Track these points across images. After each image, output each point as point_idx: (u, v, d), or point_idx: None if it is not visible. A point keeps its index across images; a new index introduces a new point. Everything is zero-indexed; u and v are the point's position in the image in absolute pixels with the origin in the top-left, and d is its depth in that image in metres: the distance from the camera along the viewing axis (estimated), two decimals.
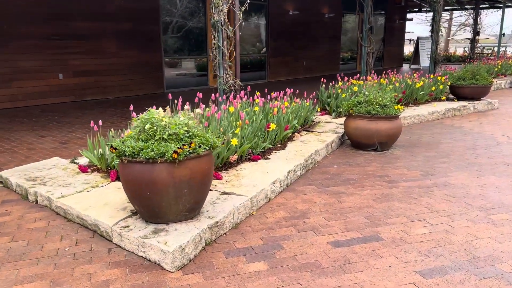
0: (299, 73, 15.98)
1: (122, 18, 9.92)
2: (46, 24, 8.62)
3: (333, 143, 5.73)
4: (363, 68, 9.56)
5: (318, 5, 16.06)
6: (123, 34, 10.02)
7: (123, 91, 10.28)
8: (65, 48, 9.03)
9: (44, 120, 7.31)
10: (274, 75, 14.77)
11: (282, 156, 4.77)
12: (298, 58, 15.75)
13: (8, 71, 8.25)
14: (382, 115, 5.48)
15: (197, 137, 2.93)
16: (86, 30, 9.30)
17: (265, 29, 14.15)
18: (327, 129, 6.33)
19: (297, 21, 15.20)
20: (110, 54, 9.86)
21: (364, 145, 5.70)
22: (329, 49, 17.38)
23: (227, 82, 6.24)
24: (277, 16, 14.32)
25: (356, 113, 5.62)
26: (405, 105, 8.46)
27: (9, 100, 8.32)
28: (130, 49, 10.25)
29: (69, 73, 9.17)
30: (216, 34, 6.09)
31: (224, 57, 6.19)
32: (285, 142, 5.44)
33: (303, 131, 6.14)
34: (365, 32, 9.50)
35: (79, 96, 9.43)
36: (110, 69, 9.93)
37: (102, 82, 9.82)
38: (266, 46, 14.34)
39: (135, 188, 2.82)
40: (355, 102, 5.79)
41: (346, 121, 5.82)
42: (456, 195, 4.00)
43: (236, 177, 3.99)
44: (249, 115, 5.15)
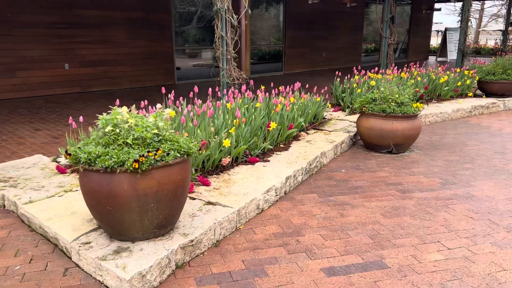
0: (318, 65, 15.36)
1: (132, 6, 9.56)
2: (52, 12, 8.34)
3: (343, 144, 5.21)
4: (383, 61, 8.94)
5: None
6: (133, 23, 9.67)
7: (132, 82, 9.97)
8: (72, 37, 8.75)
9: (45, 112, 7.04)
10: (291, 66, 14.21)
11: (283, 158, 4.31)
12: (317, 49, 15.12)
13: (12, 61, 8.03)
14: (399, 114, 4.93)
15: (169, 142, 2.50)
16: (94, 18, 8.99)
17: (282, 19, 13.58)
18: (338, 127, 5.81)
19: (316, 11, 14.55)
20: (119, 44, 9.54)
21: (378, 146, 5.17)
22: (350, 40, 16.66)
23: (230, 75, 5.80)
24: (296, 5, 13.71)
25: (370, 111, 5.08)
26: (427, 102, 7.83)
27: (12, 90, 8.11)
28: (140, 38, 9.90)
29: (75, 63, 8.90)
30: (219, 22, 5.64)
31: (228, 48, 5.74)
32: (289, 142, 4.96)
33: (311, 129, 5.65)
34: (386, 22, 8.85)
35: (85, 87, 9.17)
36: (119, 59, 9.62)
37: (110, 73, 9.52)
38: (283, 36, 13.78)
39: (94, 201, 2.42)
40: (369, 99, 5.25)
41: (359, 119, 5.29)
42: (480, 210, 3.45)
43: (227, 183, 3.55)
44: (249, 112, 4.69)
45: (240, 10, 5.80)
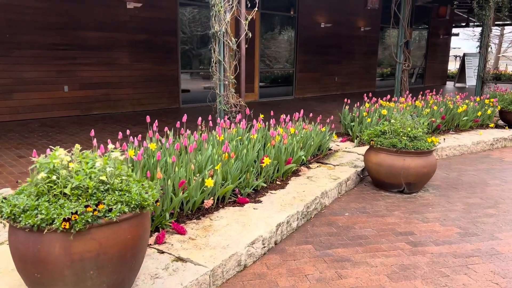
0: (330, 90, 14.91)
1: (136, 29, 9.32)
2: (53, 33, 8.13)
3: (349, 181, 4.68)
4: (397, 87, 8.43)
5: (353, 18, 14.99)
6: (137, 45, 9.42)
7: (134, 106, 9.64)
8: (73, 59, 8.50)
9: (36, 136, 6.70)
10: (302, 91, 13.79)
11: (277, 199, 3.79)
12: (329, 73, 14.70)
13: (9, 82, 7.78)
14: (411, 149, 4.39)
15: (118, 191, 2.03)
16: (97, 40, 8.75)
17: (294, 42, 13.24)
18: (344, 161, 5.28)
19: (329, 35, 14.20)
20: (121, 66, 9.27)
21: (388, 185, 4.62)
22: (364, 65, 16.21)
23: (227, 102, 5.36)
24: (307, 29, 13.39)
25: (379, 145, 4.55)
26: (444, 132, 7.24)
27: (8, 112, 7.84)
28: (144, 61, 9.63)
29: (75, 85, 8.62)
30: (217, 46, 5.24)
31: (225, 73, 5.32)
32: (287, 178, 4.45)
33: (314, 163, 5.13)
34: (400, 47, 8.38)
35: (85, 110, 8.86)
36: (122, 81, 9.33)
37: (111, 96, 9.23)
38: (294, 60, 13.42)
39: (21, 265, 1.95)
40: (378, 132, 4.73)
41: (367, 153, 4.77)
42: (508, 274, 2.86)
43: (206, 232, 3.05)
44: (243, 144, 4.21)
45: (239, 33, 5.41)
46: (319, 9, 13.56)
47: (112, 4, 8.83)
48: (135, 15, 9.25)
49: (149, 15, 9.50)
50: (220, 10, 5.13)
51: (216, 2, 5.10)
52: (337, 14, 14.22)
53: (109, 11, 8.83)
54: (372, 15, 15.55)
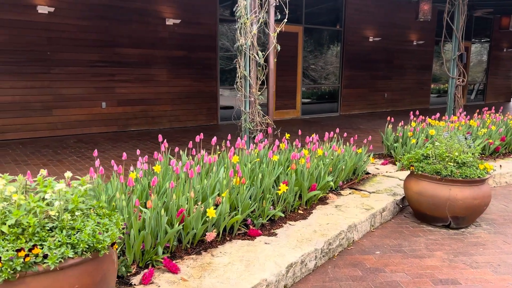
0: (379, 106, 14.12)
1: (175, 45, 9.28)
2: (91, 50, 8.24)
3: (384, 212, 4.09)
4: (449, 105, 7.65)
5: (404, 31, 14.19)
6: (176, 61, 9.36)
7: (172, 122, 9.55)
8: (111, 75, 8.56)
9: (68, 152, 6.69)
10: (348, 108, 13.14)
11: (295, 232, 3.32)
12: (378, 89, 13.94)
13: (49, 99, 7.94)
14: (458, 177, 3.74)
15: (66, 230, 1.68)
16: (135, 57, 8.78)
17: (339, 57, 12.69)
18: (382, 187, 4.68)
19: (378, 49, 13.50)
20: (159, 83, 9.23)
21: (431, 218, 3.98)
22: (417, 80, 15.26)
23: (253, 120, 4.98)
24: (354, 43, 12.80)
25: (420, 171, 3.94)
26: (504, 156, 6.38)
27: (47, 128, 7.98)
28: (183, 77, 9.54)
29: (113, 101, 8.66)
30: (242, 60, 4.91)
31: (251, 89, 4.96)
32: (312, 206, 3.95)
33: (346, 189, 4.58)
34: (454, 61, 7.62)
35: (123, 126, 8.87)
36: (159, 98, 9.28)
37: (149, 112, 9.19)
38: (339, 75, 12.85)
39: None
40: (419, 156, 4.12)
41: (407, 180, 4.16)
42: None
43: (202, 271, 2.64)
44: (260, 168, 3.78)
45: (267, 47, 5.04)
46: (367, 23, 12.96)
47: (151, 21, 8.84)
48: (174, 31, 9.21)
49: (188, 31, 9.43)
50: (246, 22, 4.80)
51: (242, 14, 4.79)
52: (386, 28, 13.51)
53: (148, 28, 8.84)
54: (426, 28, 14.64)
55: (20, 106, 7.66)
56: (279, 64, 11.18)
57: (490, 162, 5.86)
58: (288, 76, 11.54)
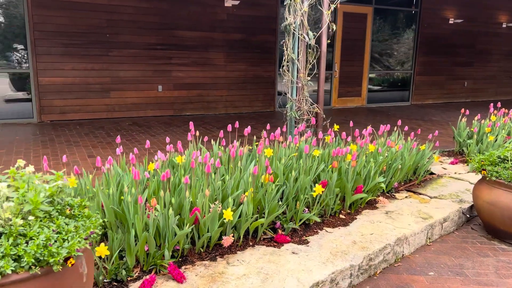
0: (458, 96, 12.78)
1: (233, 28, 8.97)
2: (150, 33, 8.19)
3: (446, 222, 3.45)
4: None
5: (492, 12, 12.61)
6: (234, 45, 9.06)
7: (227, 108, 9.31)
8: (168, 58, 8.48)
9: (120, 135, 6.70)
10: (421, 97, 12.03)
11: (330, 241, 2.84)
12: (456, 77, 12.59)
13: (107, 81, 8.04)
14: None
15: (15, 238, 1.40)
16: (192, 40, 8.61)
17: (414, 41, 11.59)
18: (447, 191, 4.00)
19: (459, 32, 12.13)
20: (216, 67, 9.00)
21: (505, 234, 3.27)
22: (505, 68, 13.57)
23: (299, 109, 4.51)
24: (431, 25, 11.60)
25: (494, 177, 3.24)
26: None
27: (105, 110, 8.11)
28: (240, 61, 9.22)
29: (169, 85, 8.59)
30: (290, 41, 4.43)
31: (299, 74, 4.47)
32: (357, 210, 3.43)
33: (403, 191, 3.97)
34: None
35: (178, 110, 8.79)
36: (215, 82, 9.07)
37: (205, 97, 9.02)
38: (412, 61, 11.75)
39: None
40: (495, 158, 3.40)
41: (477, 187, 3.47)
42: None
43: (211, 283, 2.29)
44: (297, 163, 3.33)
45: (321, 26, 4.50)
46: (446, 3, 11.66)
47: (209, 2, 8.59)
48: (232, 13, 8.89)
49: (247, 13, 9.05)
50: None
51: None
52: (470, 8, 12.08)
53: (206, 10, 8.60)
54: None
55: (80, 88, 7.84)
56: (343, 48, 10.44)
57: None
58: (354, 61, 10.76)
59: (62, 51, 7.56)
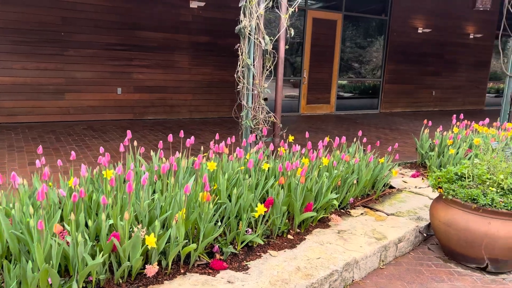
0: (426, 105, 12.84)
1: (199, 30, 8.66)
2: (109, 33, 7.79)
3: (401, 242, 3.24)
4: (504, 108, 6.49)
5: (460, 23, 12.74)
6: (199, 48, 8.75)
7: (192, 112, 8.98)
8: (129, 60, 8.09)
9: (69, 140, 6.27)
10: (390, 105, 12.01)
11: (272, 267, 2.57)
12: (425, 86, 12.65)
13: (62, 82, 7.59)
14: (502, 208, 2.83)
15: None
16: (155, 41, 8.25)
17: (383, 49, 11.56)
18: (405, 208, 3.81)
19: (428, 41, 12.20)
20: (181, 69, 8.66)
21: (462, 256, 3.09)
22: (472, 78, 13.75)
23: (255, 117, 4.24)
24: (401, 34, 11.60)
25: (450, 195, 3.06)
26: None
27: (58, 113, 7.65)
28: (206, 65, 8.92)
29: (129, 88, 8.20)
30: (245, 46, 4.17)
31: (255, 80, 4.21)
32: (307, 229, 3.18)
33: (359, 207, 3.75)
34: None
35: (139, 114, 8.41)
36: (180, 86, 8.73)
37: (168, 100, 8.66)
38: (382, 69, 11.72)
39: None
40: (452, 174, 3.22)
41: (434, 205, 3.28)
42: None
43: None
44: (240, 180, 3.05)
45: (278, 31, 4.26)
46: (416, 12, 11.69)
47: (173, 2, 8.26)
48: (198, 15, 8.58)
49: (214, 15, 8.77)
50: (251, 0, 4.04)
51: None
52: (439, 18, 12.17)
53: (170, 10, 8.27)
54: (485, 20, 13.10)
55: (32, 89, 7.37)
56: (313, 54, 10.29)
57: None
58: (323, 68, 10.62)
59: (12, 48, 7.07)
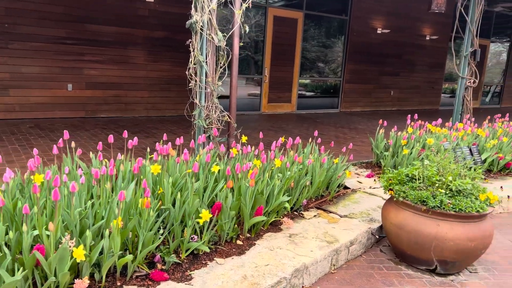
0: (384, 105, 13.09)
1: (156, 25, 8.37)
2: (59, 26, 7.38)
3: (353, 245, 3.18)
4: (456, 108, 6.65)
5: (417, 25, 13.06)
6: (156, 43, 8.46)
7: (148, 110, 8.69)
8: (80, 55, 7.70)
9: (12, 140, 5.87)
10: (350, 104, 12.15)
11: (217, 276, 2.43)
12: (384, 86, 12.90)
13: (6, 77, 7.12)
14: (450, 210, 2.82)
15: None
16: (109, 35, 7.90)
17: (343, 49, 11.67)
18: (358, 210, 3.77)
19: (387, 42, 12.42)
20: (136, 65, 8.35)
21: (412, 258, 3.07)
22: (428, 79, 14.14)
23: (208, 116, 4.09)
24: (361, 34, 11.74)
25: (401, 197, 3.03)
26: None
27: (3, 110, 7.17)
28: (164, 61, 8.65)
29: (81, 84, 7.82)
30: (196, 42, 4.00)
31: (207, 78, 4.05)
32: (258, 234, 3.06)
33: (313, 209, 3.68)
34: (465, 58, 6.60)
35: (91, 112, 8.03)
36: (136, 83, 8.42)
37: (123, 98, 8.33)
38: (342, 69, 11.83)
39: None
40: (403, 176, 3.19)
41: (386, 207, 3.25)
42: None
43: None
44: (187, 183, 2.89)
45: (232, 27, 4.11)
46: (375, 13, 11.88)
47: None
48: (155, 9, 8.30)
49: (172, 9, 8.51)
50: None
51: None
52: (397, 19, 12.42)
53: (125, 3, 7.95)
54: (441, 22, 13.50)
55: None
56: (274, 52, 10.22)
57: (497, 182, 4.90)
58: (284, 67, 10.58)
59: None
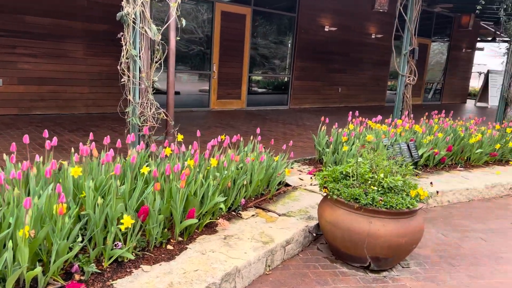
0: (332, 102, 13.32)
1: (97, 18, 7.97)
2: None
3: (289, 245, 3.14)
4: (397, 105, 6.84)
5: (363, 23, 13.38)
6: (96, 36, 8.06)
7: (89, 107, 8.28)
8: (12, 48, 7.18)
9: None
10: (298, 101, 12.25)
11: (141, 286, 2.29)
12: (332, 83, 13.12)
13: None
14: (382, 207, 2.84)
15: None
16: (44, 27, 7.42)
17: (292, 46, 11.73)
18: (297, 207, 3.74)
19: (334, 40, 12.63)
20: (75, 60, 7.92)
21: (346, 256, 3.07)
22: (374, 76, 14.56)
23: (142, 114, 3.90)
24: (309, 31, 11.85)
25: (335, 195, 3.02)
26: (450, 168, 5.62)
27: None
28: (105, 55, 8.26)
29: (13, 79, 7.30)
30: (128, 35, 3.79)
31: (141, 73, 3.86)
32: (190, 237, 2.94)
33: (252, 208, 3.61)
34: (404, 56, 6.80)
35: (25, 109, 7.53)
36: (75, 78, 7.98)
37: (61, 94, 7.88)
38: (290, 66, 11.89)
39: None
40: (337, 174, 3.19)
41: (321, 205, 3.23)
42: None
43: None
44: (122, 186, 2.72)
45: (167, 20, 3.95)
46: (323, 10, 12.02)
47: None
48: (95, 1, 7.90)
49: (113, 2, 8.12)
50: None
51: None
52: (344, 17, 12.65)
53: None
54: (386, 21, 13.92)
55: None
56: (222, 48, 10.08)
57: (433, 176, 5.08)
58: (233, 63, 10.47)
59: None
